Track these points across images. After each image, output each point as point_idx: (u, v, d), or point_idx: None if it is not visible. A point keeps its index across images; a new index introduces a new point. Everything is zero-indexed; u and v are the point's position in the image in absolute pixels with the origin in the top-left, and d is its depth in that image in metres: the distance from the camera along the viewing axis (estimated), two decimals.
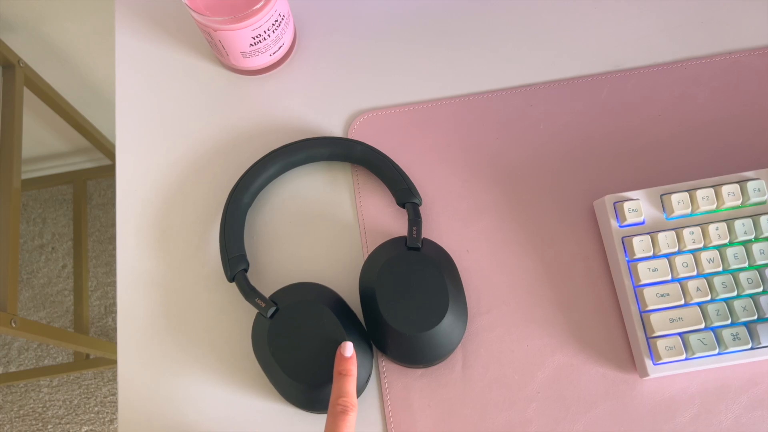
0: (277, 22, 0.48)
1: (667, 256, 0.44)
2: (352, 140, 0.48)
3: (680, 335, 0.42)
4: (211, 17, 0.45)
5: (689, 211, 0.44)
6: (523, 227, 0.47)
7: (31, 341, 1.29)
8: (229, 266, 0.44)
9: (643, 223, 0.45)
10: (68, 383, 1.26)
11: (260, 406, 0.44)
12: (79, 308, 1.22)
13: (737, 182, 0.45)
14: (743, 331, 0.42)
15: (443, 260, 0.44)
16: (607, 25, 0.53)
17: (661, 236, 0.43)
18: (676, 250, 0.43)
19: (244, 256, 0.44)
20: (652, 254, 0.44)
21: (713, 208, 0.44)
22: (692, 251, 0.44)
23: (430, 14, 0.54)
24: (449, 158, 0.50)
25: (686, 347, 0.42)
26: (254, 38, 0.47)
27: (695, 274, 0.43)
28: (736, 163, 0.48)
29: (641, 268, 0.43)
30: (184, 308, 0.47)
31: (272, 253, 0.48)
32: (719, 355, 0.42)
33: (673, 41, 0.53)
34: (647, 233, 0.44)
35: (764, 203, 0.45)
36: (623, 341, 0.44)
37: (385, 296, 0.42)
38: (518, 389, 0.44)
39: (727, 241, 0.43)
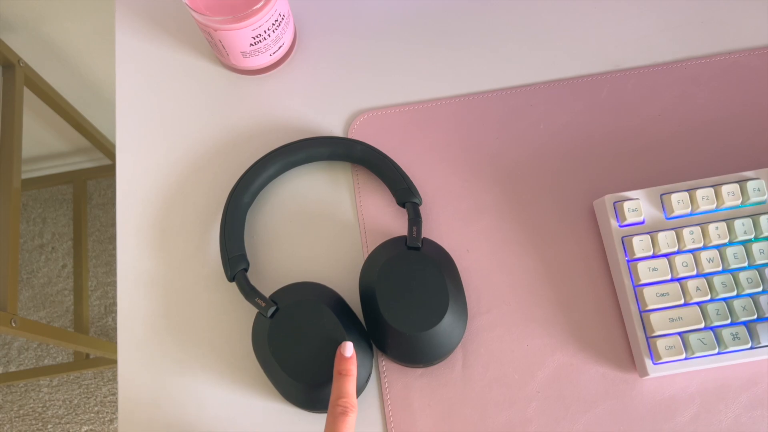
0: (277, 21, 0.48)
1: (666, 255, 0.44)
2: (352, 140, 0.48)
3: (680, 335, 0.42)
4: (211, 17, 0.45)
5: (689, 210, 0.44)
6: (523, 227, 0.47)
7: (31, 341, 1.29)
8: (229, 266, 0.44)
9: (642, 222, 0.45)
10: (68, 383, 1.25)
11: (260, 405, 0.44)
12: (79, 308, 1.22)
13: (737, 182, 0.45)
14: (743, 330, 0.42)
15: (443, 260, 0.44)
16: (607, 25, 0.53)
17: (660, 236, 0.43)
18: (675, 249, 0.44)
19: (244, 255, 0.44)
20: (651, 254, 0.44)
21: (713, 207, 0.44)
22: (692, 251, 0.44)
23: (430, 14, 0.55)
24: (449, 158, 0.50)
25: (686, 347, 0.42)
26: (254, 38, 0.47)
27: (695, 273, 0.43)
28: (735, 162, 0.48)
29: (641, 267, 0.43)
30: (184, 308, 0.47)
31: (272, 252, 0.48)
32: (719, 354, 0.42)
33: (673, 41, 0.53)
34: (647, 233, 0.44)
35: (764, 203, 0.45)
36: (623, 341, 0.44)
37: (385, 296, 0.42)
38: (518, 389, 0.44)
39: (726, 240, 0.43)
